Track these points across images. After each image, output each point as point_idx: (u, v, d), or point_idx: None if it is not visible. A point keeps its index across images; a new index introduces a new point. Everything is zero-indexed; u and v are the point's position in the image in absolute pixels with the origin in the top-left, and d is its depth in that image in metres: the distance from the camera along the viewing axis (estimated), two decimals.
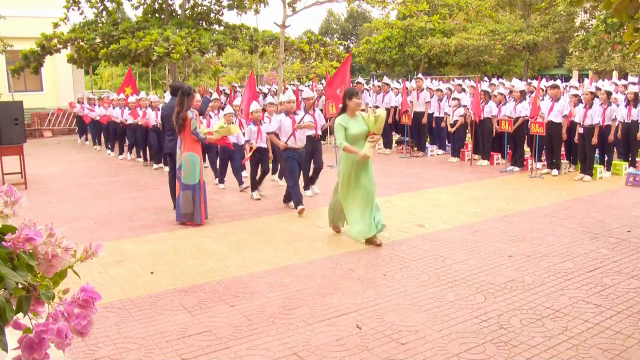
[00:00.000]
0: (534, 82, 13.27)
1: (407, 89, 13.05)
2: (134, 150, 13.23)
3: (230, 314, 4.18)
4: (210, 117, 10.12)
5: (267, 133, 7.89)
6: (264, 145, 8.49)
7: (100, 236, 6.41)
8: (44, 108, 20.72)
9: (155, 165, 11.63)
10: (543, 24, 23.39)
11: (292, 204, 7.54)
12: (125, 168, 12.00)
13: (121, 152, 13.66)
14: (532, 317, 4.05)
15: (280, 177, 9.48)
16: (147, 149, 12.18)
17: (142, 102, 11.99)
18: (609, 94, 9.69)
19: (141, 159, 12.59)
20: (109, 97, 15.20)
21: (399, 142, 14.03)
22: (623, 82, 12.74)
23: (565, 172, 10.17)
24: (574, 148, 10.09)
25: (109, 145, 14.43)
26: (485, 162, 11.29)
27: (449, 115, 12.26)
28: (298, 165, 7.45)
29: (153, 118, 11.35)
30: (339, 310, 4.22)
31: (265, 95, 15.48)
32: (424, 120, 12.78)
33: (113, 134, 14.01)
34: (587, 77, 20.57)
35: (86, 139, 16.87)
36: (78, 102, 16.75)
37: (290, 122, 7.43)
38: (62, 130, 20.42)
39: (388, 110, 13.38)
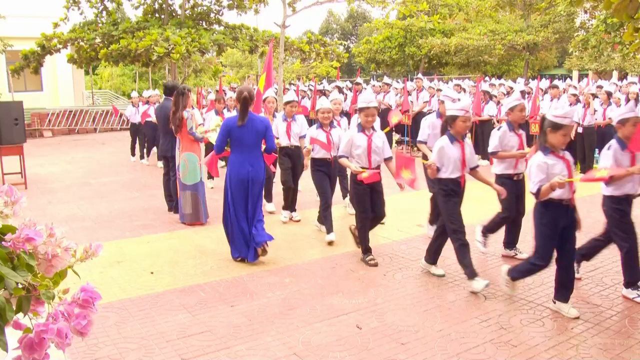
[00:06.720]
0: (531, 83, 13.28)
1: (407, 88, 13.03)
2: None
3: (230, 314, 4.17)
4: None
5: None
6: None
7: (100, 236, 6.40)
8: (44, 108, 20.71)
9: None
10: (543, 24, 23.36)
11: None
12: (125, 168, 12.00)
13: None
14: (532, 317, 4.05)
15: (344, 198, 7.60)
16: None
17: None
18: (609, 94, 9.70)
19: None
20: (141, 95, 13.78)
21: (399, 142, 14.03)
22: (625, 82, 12.76)
23: None
24: (574, 148, 10.08)
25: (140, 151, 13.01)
26: (485, 162, 11.27)
27: None
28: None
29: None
30: (339, 310, 4.22)
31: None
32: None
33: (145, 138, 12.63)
34: (587, 77, 20.54)
35: (141, 156, 12.98)
36: (132, 104, 13.31)
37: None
38: (62, 130, 20.41)
39: (387, 110, 13.38)
